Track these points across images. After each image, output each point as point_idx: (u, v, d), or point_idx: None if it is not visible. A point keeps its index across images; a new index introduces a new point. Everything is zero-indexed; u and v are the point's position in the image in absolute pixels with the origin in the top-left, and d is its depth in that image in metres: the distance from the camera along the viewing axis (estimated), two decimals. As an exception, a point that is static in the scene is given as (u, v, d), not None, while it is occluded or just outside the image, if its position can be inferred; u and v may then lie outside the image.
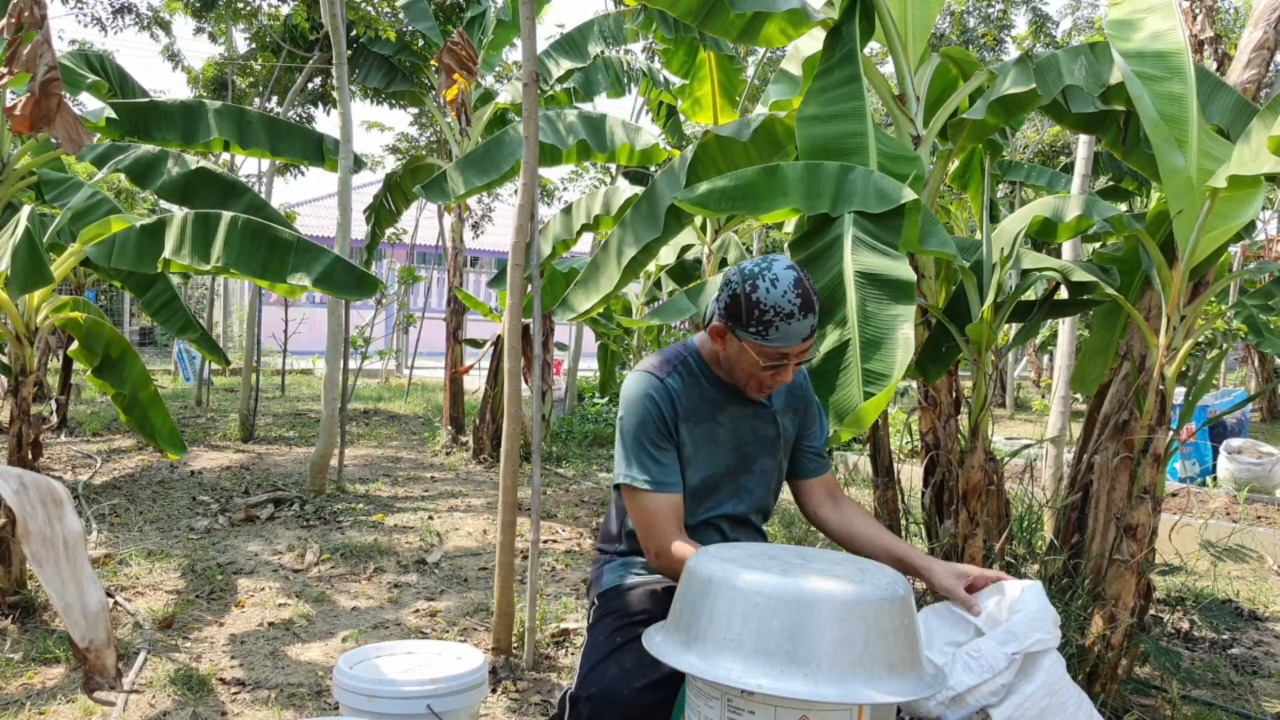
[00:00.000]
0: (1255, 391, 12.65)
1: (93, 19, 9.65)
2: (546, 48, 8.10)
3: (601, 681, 1.84)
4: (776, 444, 2.12)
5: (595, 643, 1.98)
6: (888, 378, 2.27)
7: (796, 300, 1.86)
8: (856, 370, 2.32)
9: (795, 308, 1.86)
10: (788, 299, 1.85)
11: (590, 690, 1.84)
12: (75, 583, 1.65)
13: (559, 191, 13.20)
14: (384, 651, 2.23)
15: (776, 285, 1.86)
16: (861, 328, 2.37)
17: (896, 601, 1.45)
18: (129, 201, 12.11)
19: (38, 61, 3.52)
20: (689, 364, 2.07)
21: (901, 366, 2.26)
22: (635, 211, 3.65)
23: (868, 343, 2.35)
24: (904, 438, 3.79)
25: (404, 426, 10.24)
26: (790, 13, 3.23)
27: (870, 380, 2.31)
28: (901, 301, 2.41)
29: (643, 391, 2.00)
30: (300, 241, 4.11)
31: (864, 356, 2.32)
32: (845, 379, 2.36)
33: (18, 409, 4.04)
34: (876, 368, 2.31)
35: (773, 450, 2.12)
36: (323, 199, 23.58)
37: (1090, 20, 14.04)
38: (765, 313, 1.86)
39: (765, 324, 1.86)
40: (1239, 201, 2.78)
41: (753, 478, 2.11)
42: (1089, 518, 3.14)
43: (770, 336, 1.87)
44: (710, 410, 2.04)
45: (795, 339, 1.88)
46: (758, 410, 2.08)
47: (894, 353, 2.31)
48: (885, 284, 2.45)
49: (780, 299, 1.85)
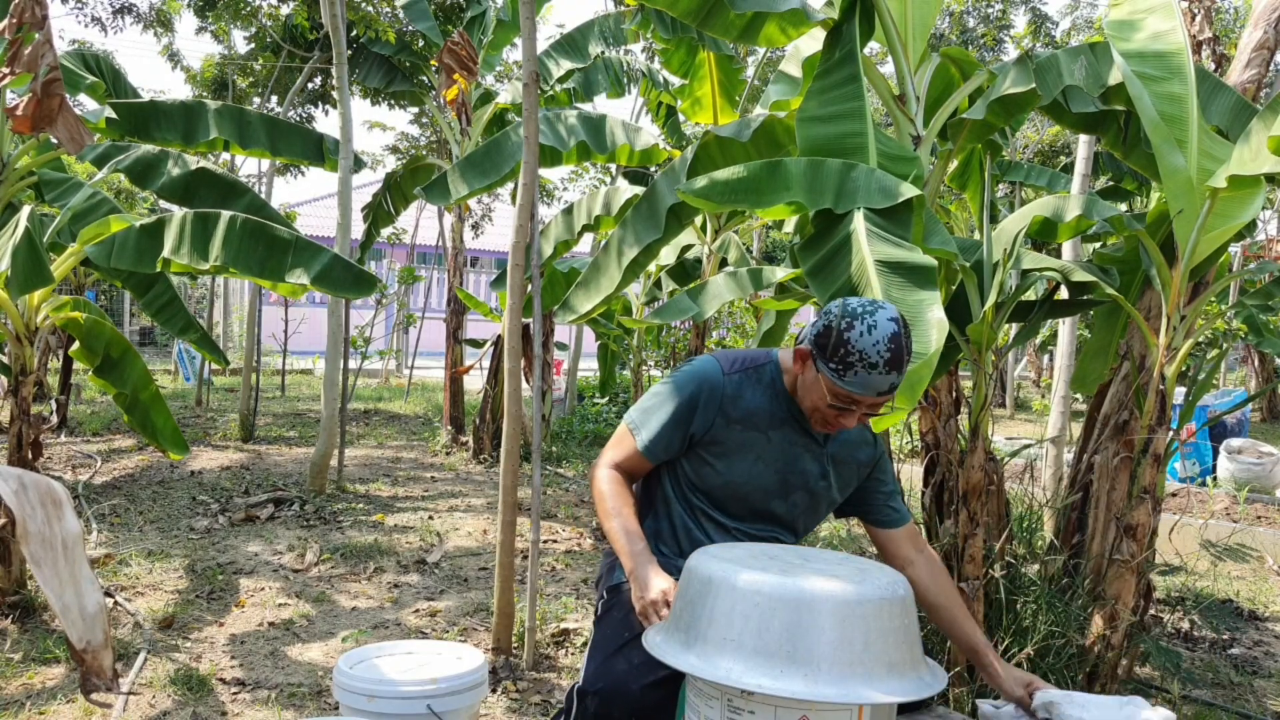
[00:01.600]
0: (1255, 391, 12.65)
1: (92, 19, 9.65)
2: (546, 48, 8.10)
3: (610, 676, 1.84)
4: (817, 482, 2.08)
5: (603, 637, 1.98)
6: (925, 353, 2.26)
7: (886, 354, 1.83)
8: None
9: (882, 360, 1.83)
10: (878, 349, 1.82)
11: (598, 685, 1.84)
12: (74, 584, 1.65)
13: (559, 192, 13.20)
14: (384, 651, 2.23)
15: (872, 333, 1.83)
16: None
17: (896, 602, 1.45)
18: (129, 202, 12.11)
19: (39, 62, 3.51)
20: (763, 372, 2.06)
21: (939, 342, 2.25)
22: (635, 212, 3.64)
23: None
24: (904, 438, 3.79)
25: (404, 426, 10.24)
26: (790, 13, 3.23)
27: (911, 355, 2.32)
28: (926, 287, 2.41)
29: (700, 373, 2.04)
30: (299, 240, 4.11)
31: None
32: None
33: (18, 409, 4.04)
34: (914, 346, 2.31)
35: (811, 487, 2.09)
36: (323, 199, 23.56)
37: (1090, 20, 14.04)
38: (850, 354, 1.83)
39: (847, 365, 1.84)
40: (1239, 201, 2.78)
41: (787, 506, 2.08)
42: (1089, 518, 3.14)
43: (846, 379, 1.85)
44: (763, 422, 2.03)
45: (871, 390, 1.85)
46: (809, 443, 2.06)
47: (929, 331, 2.30)
48: (908, 271, 2.45)
49: (870, 347, 1.82)
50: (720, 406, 2.00)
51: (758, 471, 2.03)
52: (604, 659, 1.90)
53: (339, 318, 6.48)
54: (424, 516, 5.87)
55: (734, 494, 2.04)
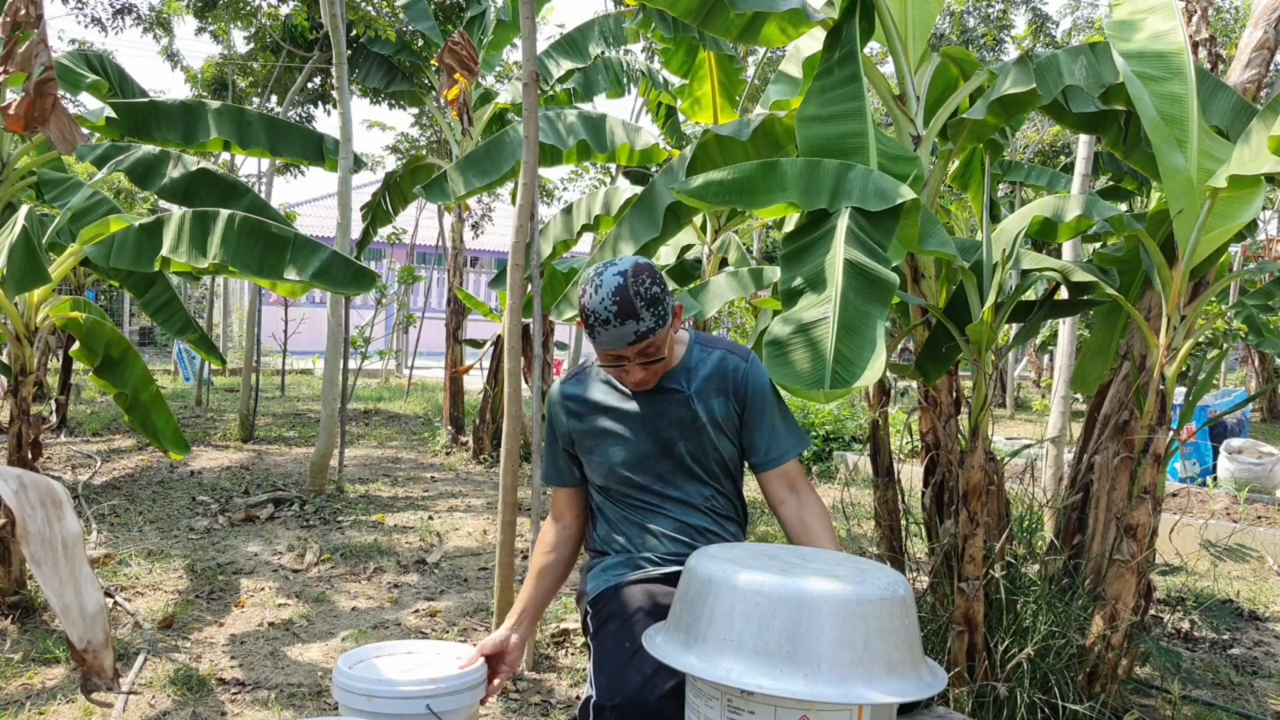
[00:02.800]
0: (1255, 391, 12.65)
1: (92, 19, 9.64)
2: (546, 48, 8.11)
3: (625, 690, 1.82)
4: (694, 427, 2.10)
5: (605, 650, 1.96)
6: (856, 367, 2.24)
7: (614, 307, 1.90)
8: (828, 347, 2.30)
9: (611, 314, 1.90)
10: (604, 305, 1.91)
11: (615, 700, 1.82)
12: (74, 583, 1.64)
13: (559, 191, 13.20)
14: (383, 651, 2.23)
15: (598, 291, 1.92)
16: (841, 310, 2.36)
17: (896, 602, 1.45)
18: (129, 202, 12.11)
19: (33, 61, 3.51)
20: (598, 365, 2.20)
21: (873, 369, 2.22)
22: (634, 211, 3.64)
23: (844, 326, 2.34)
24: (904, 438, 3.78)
25: (404, 426, 10.24)
26: (790, 12, 3.22)
27: (840, 361, 2.29)
28: (877, 302, 2.39)
29: (549, 400, 2.23)
30: (297, 237, 4.11)
31: (839, 337, 2.32)
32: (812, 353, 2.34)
33: (18, 409, 4.04)
34: (847, 351, 2.30)
35: (691, 434, 2.10)
36: (323, 199, 23.57)
37: (1090, 20, 14.04)
38: (589, 316, 1.94)
39: (590, 327, 1.95)
40: (1239, 201, 2.78)
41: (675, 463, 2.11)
42: (1089, 518, 3.14)
43: (598, 337, 1.96)
44: (624, 397, 2.12)
45: (620, 342, 1.93)
46: (671, 395, 2.11)
47: (865, 348, 2.29)
48: (868, 280, 2.44)
49: (598, 305, 1.91)
50: (570, 414, 2.16)
51: (640, 443, 2.11)
52: (613, 671, 1.88)
53: (339, 317, 6.48)
54: (424, 517, 5.87)
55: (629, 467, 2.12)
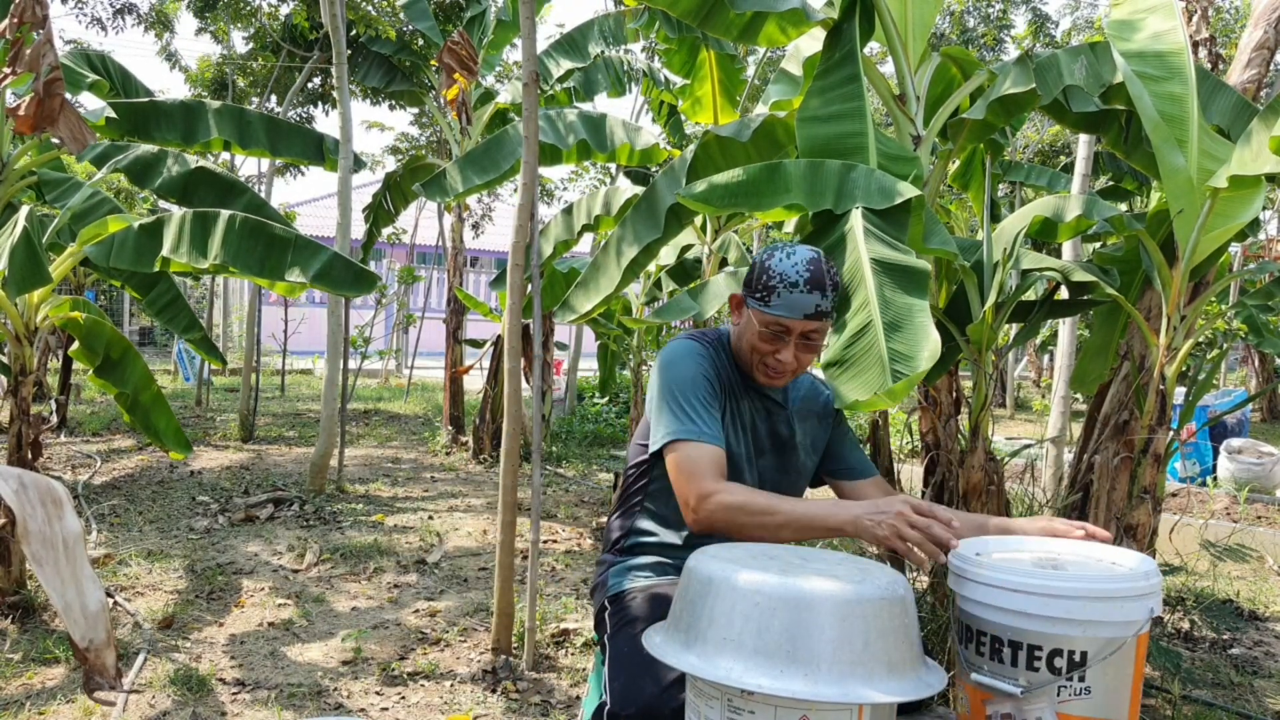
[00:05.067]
0: (1255, 391, 12.65)
1: (93, 19, 9.64)
2: (547, 47, 8.10)
3: (640, 700, 1.79)
4: (789, 445, 2.10)
5: (620, 654, 1.92)
6: (913, 359, 2.24)
7: (805, 273, 1.89)
8: (882, 350, 2.29)
9: (801, 279, 1.88)
10: (796, 269, 1.89)
11: (630, 710, 1.79)
12: (75, 582, 1.65)
13: (559, 191, 13.21)
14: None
15: (790, 258, 1.91)
16: (882, 311, 2.36)
17: (896, 601, 1.45)
18: (128, 201, 12.10)
19: (40, 62, 3.51)
20: (722, 343, 2.09)
21: (928, 352, 2.23)
22: (635, 212, 3.64)
23: (890, 325, 2.33)
24: (904, 438, 3.80)
25: (404, 426, 10.24)
26: (790, 12, 3.23)
27: (896, 359, 2.27)
28: (915, 292, 2.40)
29: (688, 350, 2.00)
30: (298, 238, 4.11)
31: (888, 337, 2.30)
32: (869, 360, 2.32)
33: (18, 409, 4.04)
34: (900, 348, 2.29)
35: (784, 451, 2.10)
36: (323, 199, 23.59)
37: (1090, 20, 14.04)
38: (772, 278, 1.90)
39: (769, 289, 1.90)
40: (1239, 201, 2.78)
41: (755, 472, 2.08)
42: (1089, 518, 3.14)
43: (772, 303, 1.90)
44: (734, 390, 2.06)
45: (797, 311, 1.89)
46: (772, 406, 2.09)
47: (917, 337, 2.29)
48: (901, 273, 2.44)
49: (789, 268, 1.90)
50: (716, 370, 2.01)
51: (740, 441, 2.05)
52: (629, 679, 1.85)
53: (339, 317, 6.48)
54: (424, 517, 5.87)
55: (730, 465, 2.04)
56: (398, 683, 3.36)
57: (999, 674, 1.57)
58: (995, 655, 1.59)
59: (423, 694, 3.28)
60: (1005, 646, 1.57)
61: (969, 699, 1.62)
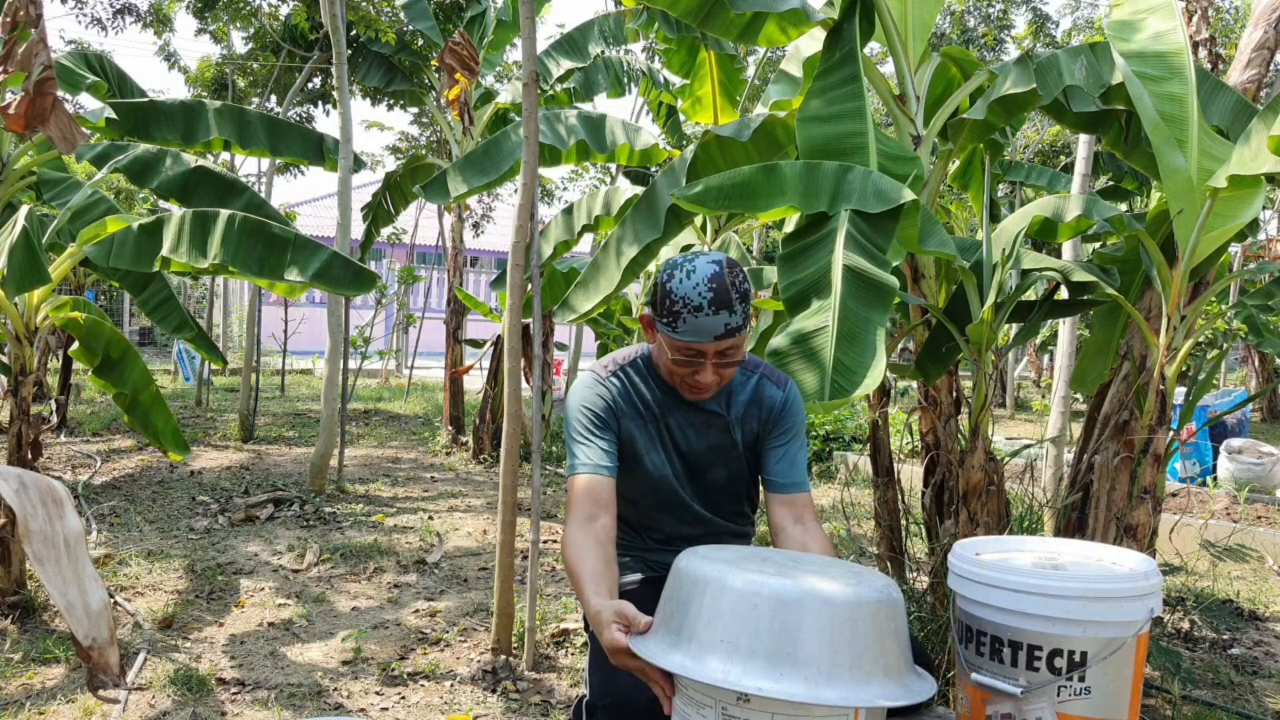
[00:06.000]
0: (1255, 391, 12.65)
1: (92, 19, 9.64)
2: (546, 48, 8.10)
3: (618, 691, 1.81)
4: (732, 455, 2.03)
5: (599, 648, 1.94)
6: (856, 375, 2.24)
7: (708, 294, 1.78)
8: (828, 357, 2.30)
9: (705, 300, 1.78)
10: (699, 291, 1.79)
11: (607, 700, 1.81)
12: (77, 581, 1.65)
13: (559, 191, 13.21)
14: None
15: (690, 277, 1.80)
16: (840, 319, 2.36)
17: (891, 604, 1.45)
18: (128, 201, 12.11)
19: (33, 61, 3.51)
20: (637, 365, 2.03)
21: (874, 373, 2.22)
22: (635, 212, 3.65)
23: (843, 335, 2.34)
24: (904, 438, 3.78)
25: (404, 426, 10.24)
26: (790, 12, 3.23)
27: (840, 371, 2.28)
28: (877, 309, 2.39)
29: (579, 385, 2.01)
30: (297, 238, 4.11)
31: (838, 346, 2.31)
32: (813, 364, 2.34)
33: (18, 409, 4.04)
34: (847, 361, 2.29)
35: (727, 460, 2.03)
36: (323, 199, 23.58)
37: (1090, 20, 14.04)
38: (675, 303, 1.80)
39: (674, 315, 1.81)
40: (1239, 201, 2.78)
41: (703, 485, 2.04)
42: (1089, 518, 3.14)
43: (679, 329, 1.81)
44: (656, 413, 2.00)
45: (705, 335, 1.81)
46: (709, 418, 2.01)
47: (866, 354, 2.29)
48: (869, 286, 2.44)
49: (691, 290, 1.79)
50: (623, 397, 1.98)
51: (672, 463, 2.01)
52: (607, 672, 1.87)
53: (339, 317, 6.48)
54: (424, 517, 5.87)
55: (659, 492, 2.03)
56: (398, 683, 3.36)
57: (999, 674, 1.57)
58: (995, 655, 1.59)
59: (423, 694, 3.28)
60: (1005, 646, 1.57)
61: (969, 699, 1.62)
